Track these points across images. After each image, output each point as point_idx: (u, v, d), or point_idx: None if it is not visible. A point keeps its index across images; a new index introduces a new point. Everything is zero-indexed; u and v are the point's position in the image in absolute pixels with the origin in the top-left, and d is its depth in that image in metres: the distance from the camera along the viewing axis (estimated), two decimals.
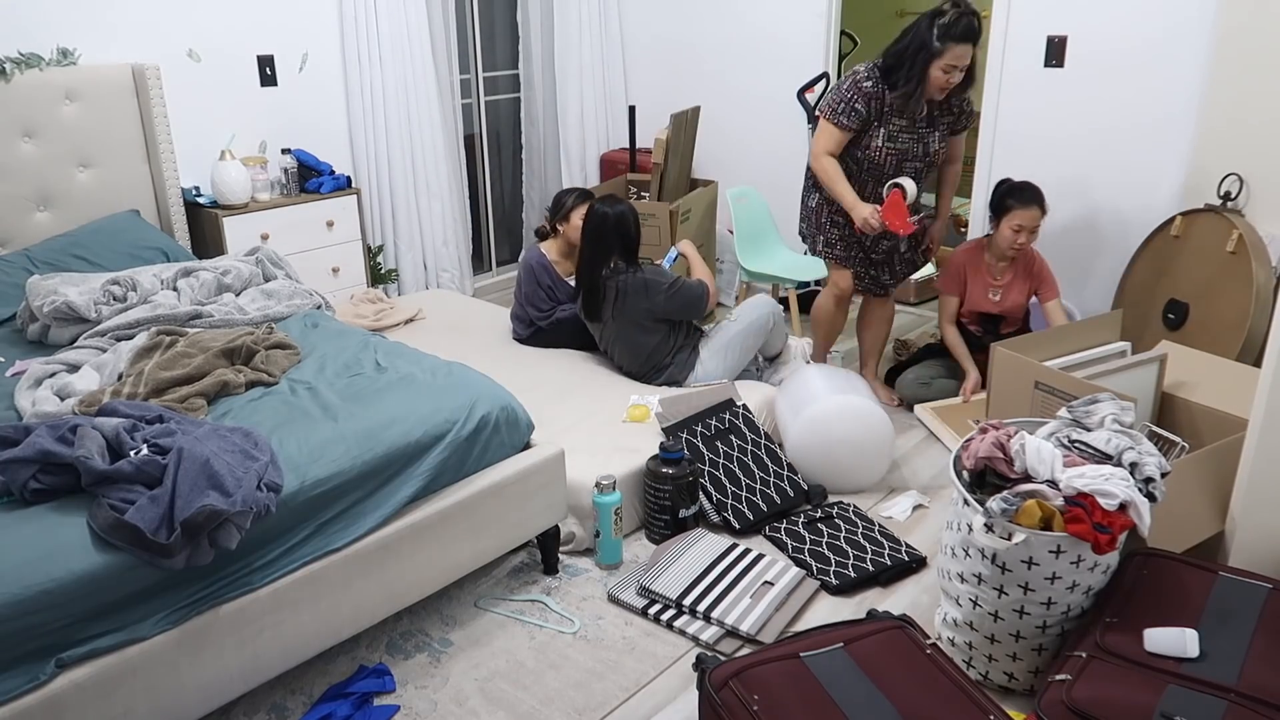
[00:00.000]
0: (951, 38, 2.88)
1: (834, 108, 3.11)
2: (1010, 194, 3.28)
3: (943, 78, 2.96)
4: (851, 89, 3.06)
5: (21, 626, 1.59)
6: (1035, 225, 3.25)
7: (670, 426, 2.84)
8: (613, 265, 3.18)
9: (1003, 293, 3.42)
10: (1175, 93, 3.47)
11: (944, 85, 2.99)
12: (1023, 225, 3.23)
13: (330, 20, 3.98)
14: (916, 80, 2.97)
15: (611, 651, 2.27)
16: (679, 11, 4.89)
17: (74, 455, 1.79)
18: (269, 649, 1.93)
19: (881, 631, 1.88)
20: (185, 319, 2.72)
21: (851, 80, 3.08)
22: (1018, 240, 3.25)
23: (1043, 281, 3.41)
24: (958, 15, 2.88)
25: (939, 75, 2.95)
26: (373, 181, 4.22)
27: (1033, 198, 3.24)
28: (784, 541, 2.65)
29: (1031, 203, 3.23)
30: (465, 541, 2.28)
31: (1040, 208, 3.24)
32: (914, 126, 3.15)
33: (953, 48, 2.89)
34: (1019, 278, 3.41)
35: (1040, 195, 3.25)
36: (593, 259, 3.20)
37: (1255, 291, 3.07)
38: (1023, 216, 3.23)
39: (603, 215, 3.18)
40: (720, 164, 4.85)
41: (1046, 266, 3.41)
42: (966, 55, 2.93)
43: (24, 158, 3.16)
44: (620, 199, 3.27)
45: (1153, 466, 1.95)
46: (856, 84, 3.06)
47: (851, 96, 3.06)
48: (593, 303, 3.23)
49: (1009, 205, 3.26)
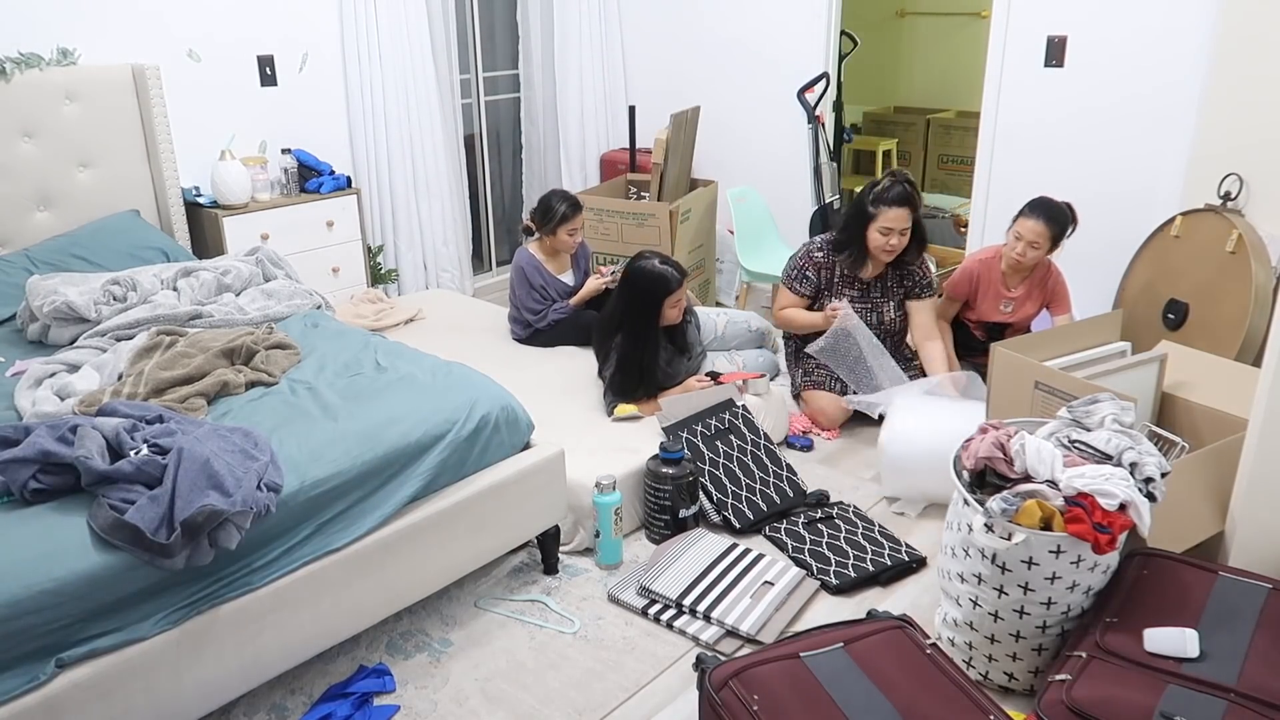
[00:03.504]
0: (884, 201, 3.12)
1: (789, 274, 3.39)
2: (1028, 205, 3.24)
3: (881, 239, 3.16)
4: (804, 258, 3.34)
5: (21, 626, 1.59)
6: (1035, 240, 3.18)
7: (670, 426, 2.84)
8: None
9: (1015, 305, 3.41)
10: (1175, 93, 3.47)
11: (885, 248, 3.18)
12: (1022, 235, 3.20)
13: (330, 20, 3.98)
14: (856, 244, 3.21)
15: (611, 651, 2.27)
16: (679, 11, 4.89)
17: (74, 455, 1.79)
18: (269, 649, 1.93)
19: (881, 631, 1.88)
20: (185, 319, 2.72)
21: (805, 250, 3.36)
22: (1016, 249, 3.23)
23: (1056, 297, 3.39)
24: (891, 182, 3.15)
25: (877, 237, 3.16)
26: (373, 181, 4.22)
27: (1041, 212, 3.18)
28: (784, 541, 2.65)
29: (1037, 215, 3.17)
30: (465, 541, 2.27)
31: (1044, 223, 3.16)
32: (867, 295, 3.34)
33: (885, 211, 3.12)
34: (1033, 291, 3.39)
35: (1057, 213, 3.17)
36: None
37: (1255, 291, 3.07)
38: (1023, 226, 3.19)
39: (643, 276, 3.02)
40: (720, 164, 4.85)
41: (1063, 282, 3.39)
42: (902, 219, 3.13)
43: (24, 158, 3.16)
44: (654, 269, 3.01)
45: (1153, 466, 1.95)
46: (809, 253, 3.34)
47: (804, 265, 3.33)
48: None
49: (1019, 213, 3.24)
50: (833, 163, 4.65)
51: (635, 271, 3.01)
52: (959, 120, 6.27)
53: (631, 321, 3.00)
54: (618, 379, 3.01)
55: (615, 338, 3.02)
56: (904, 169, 3.13)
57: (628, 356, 2.99)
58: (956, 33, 6.41)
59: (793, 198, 4.66)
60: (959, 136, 6.22)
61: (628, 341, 3.00)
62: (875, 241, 3.16)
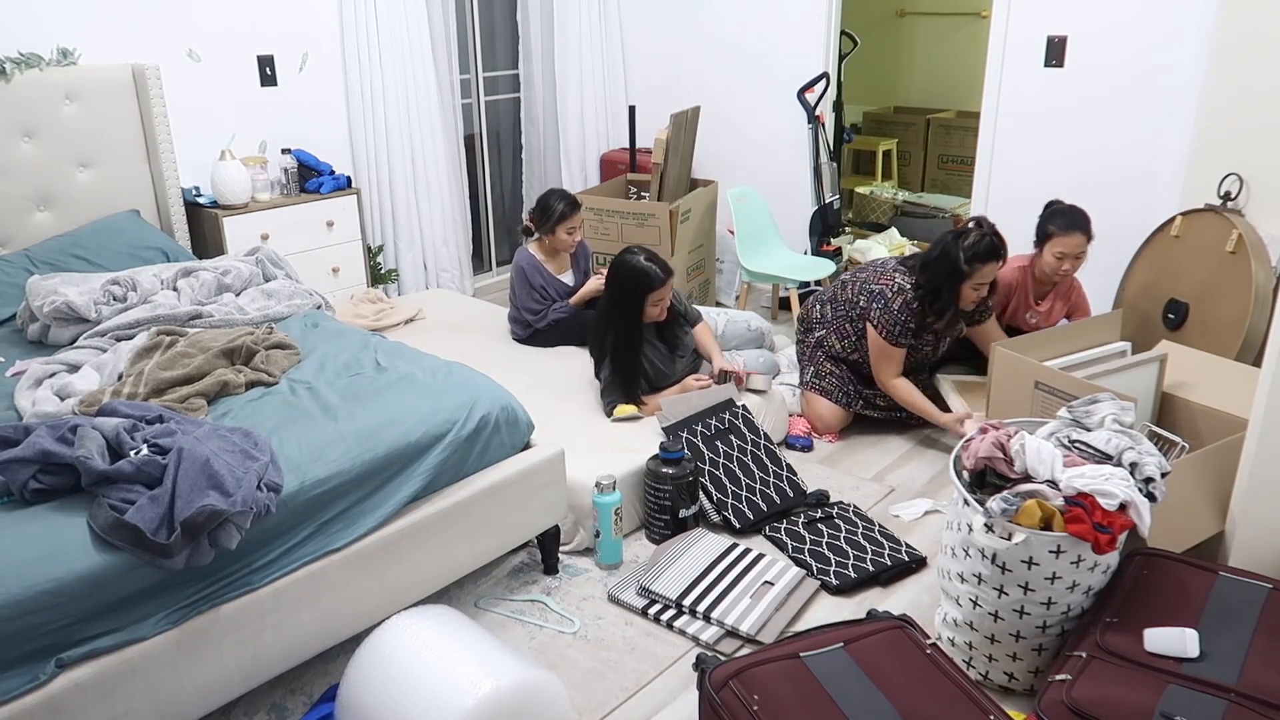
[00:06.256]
0: (979, 259, 2.98)
1: (890, 329, 3.12)
2: (1052, 219, 3.20)
3: (974, 294, 3.07)
4: (903, 309, 3.10)
5: (21, 626, 1.59)
6: (1080, 252, 3.16)
7: (670, 426, 2.84)
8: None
9: (1041, 318, 3.41)
10: (1175, 93, 3.47)
11: (975, 300, 3.11)
12: (1065, 253, 3.16)
13: (330, 20, 3.98)
14: (953, 302, 3.08)
15: (611, 651, 2.27)
16: (679, 11, 4.89)
17: (74, 455, 1.79)
18: (269, 649, 1.93)
19: (881, 631, 1.88)
20: (185, 319, 2.72)
21: (902, 301, 3.10)
22: (1062, 267, 3.19)
23: (1078, 307, 3.40)
24: (980, 235, 2.99)
25: (970, 293, 3.06)
26: (373, 181, 4.21)
27: (1075, 223, 3.15)
28: (784, 541, 2.65)
29: (1074, 229, 3.14)
30: (465, 541, 2.27)
31: (1085, 234, 3.14)
32: (938, 336, 3.27)
33: (980, 268, 3.00)
34: (1058, 303, 3.40)
35: (1085, 220, 3.16)
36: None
37: (1255, 291, 3.07)
38: (1065, 244, 3.15)
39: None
40: (720, 164, 4.85)
41: (1084, 293, 3.40)
42: (994, 271, 3.05)
43: (24, 158, 3.16)
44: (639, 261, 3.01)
45: (1153, 466, 1.95)
46: (907, 305, 3.10)
47: (905, 318, 3.11)
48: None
49: (1050, 231, 3.19)
50: (833, 163, 4.65)
51: (618, 266, 3.01)
52: (959, 120, 6.27)
53: (616, 318, 3.00)
54: (611, 379, 3.01)
55: (607, 337, 3.02)
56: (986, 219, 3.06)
57: (615, 354, 2.99)
58: (956, 33, 6.41)
59: (793, 198, 4.66)
60: (959, 136, 6.22)
61: (615, 339, 3.00)
62: (969, 297, 3.06)
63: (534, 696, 1.79)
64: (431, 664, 1.78)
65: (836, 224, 4.70)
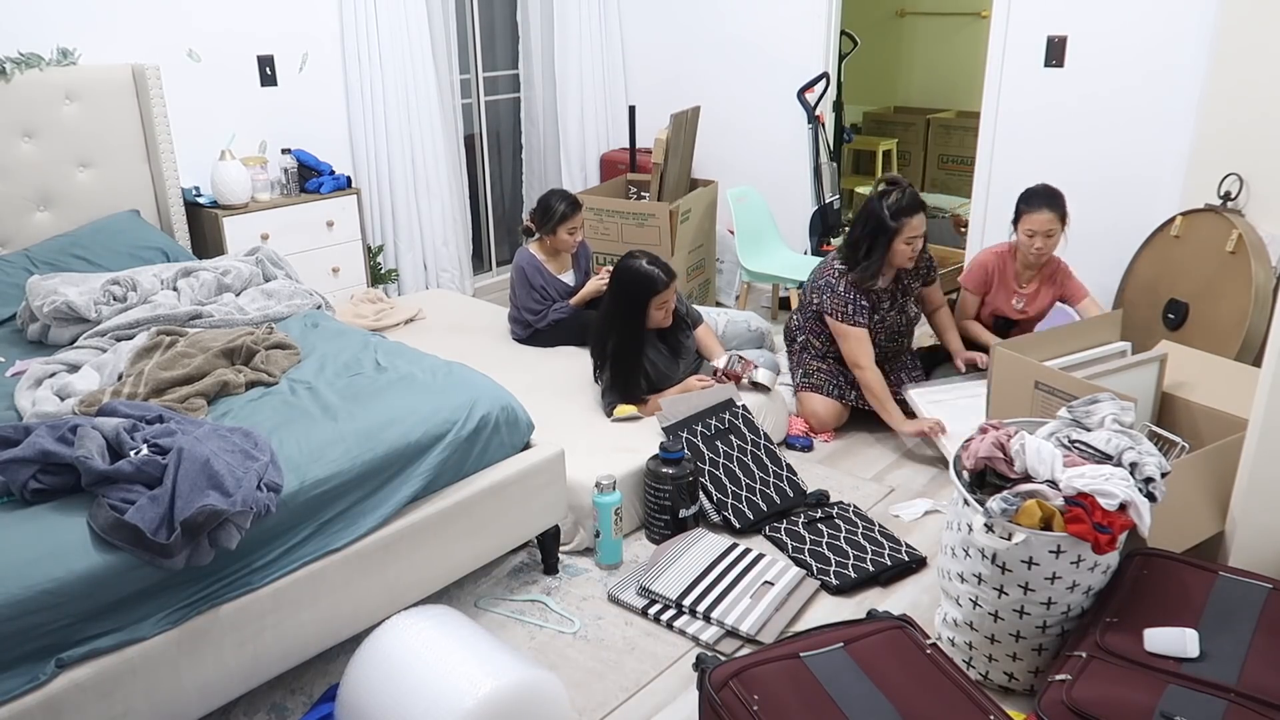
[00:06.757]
0: (904, 213, 3.10)
1: (843, 310, 3.19)
2: (1023, 199, 3.25)
3: (907, 249, 3.14)
4: (845, 287, 3.19)
5: (21, 626, 1.59)
6: (1049, 229, 3.19)
7: (670, 426, 2.84)
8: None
9: (1027, 301, 3.41)
10: (1175, 93, 3.47)
11: (911, 256, 3.17)
12: (1035, 230, 3.19)
13: (330, 21, 3.98)
14: (880, 257, 3.14)
15: (611, 651, 2.27)
16: (679, 12, 4.89)
17: (74, 455, 1.79)
18: (269, 649, 1.93)
19: (881, 631, 1.88)
20: (185, 319, 2.72)
21: (836, 277, 3.20)
22: (1034, 246, 3.22)
23: (1068, 286, 3.39)
24: (900, 191, 3.13)
25: (903, 248, 3.13)
26: (373, 181, 4.22)
27: (1042, 202, 3.19)
28: (784, 541, 2.65)
29: (1040, 207, 3.18)
30: (465, 541, 2.27)
31: (1052, 210, 3.18)
32: (895, 302, 3.31)
33: (907, 221, 3.10)
34: (1044, 287, 3.40)
35: (1052, 199, 3.20)
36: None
37: (1255, 291, 3.07)
38: (1034, 221, 3.19)
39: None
40: (720, 164, 4.85)
41: (1069, 271, 3.39)
42: (921, 224, 3.15)
43: (24, 158, 3.16)
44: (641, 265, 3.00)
45: (1153, 466, 1.95)
46: (843, 278, 3.19)
47: (848, 293, 3.19)
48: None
49: (1020, 210, 3.24)
50: (833, 163, 4.65)
51: (622, 270, 3.00)
52: (959, 120, 6.27)
53: (619, 322, 3.00)
54: (611, 381, 3.00)
55: (608, 340, 3.01)
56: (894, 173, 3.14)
57: (617, 357, 2.99)
58: (956, 33, 6.41)
59: (793, 198, 4.66)
60: (959, 136, 6.22)
61: (617, 342, 3.00)
62: (902, 252, 3.12)
63: (534, 696, 1.79)
64: (431, 664, 1.78)
65: (836, 224, 4.70)
